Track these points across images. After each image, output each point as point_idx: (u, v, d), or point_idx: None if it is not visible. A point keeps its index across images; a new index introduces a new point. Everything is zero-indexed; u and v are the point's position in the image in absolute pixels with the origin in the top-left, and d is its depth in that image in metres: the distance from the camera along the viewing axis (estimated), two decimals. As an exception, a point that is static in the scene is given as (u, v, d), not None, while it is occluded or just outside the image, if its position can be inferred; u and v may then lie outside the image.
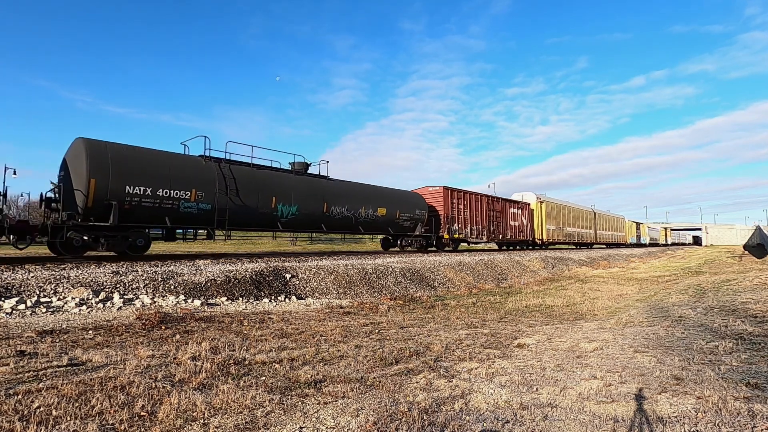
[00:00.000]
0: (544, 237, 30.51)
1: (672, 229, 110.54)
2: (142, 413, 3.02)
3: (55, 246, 9.78)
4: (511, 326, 7.34)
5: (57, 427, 2.76)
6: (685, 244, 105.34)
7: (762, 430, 2.81)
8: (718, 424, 2.91)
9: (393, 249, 20.65)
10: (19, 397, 3.18)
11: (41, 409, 2.99)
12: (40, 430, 2.70)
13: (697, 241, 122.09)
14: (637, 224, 59.17)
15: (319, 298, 10.11)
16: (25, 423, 2.77)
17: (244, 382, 3.79)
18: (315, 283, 10.87)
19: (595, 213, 42.95)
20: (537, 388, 3.78)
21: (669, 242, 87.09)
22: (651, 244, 67.46)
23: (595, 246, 44.43)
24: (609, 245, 49.16)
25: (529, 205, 29.96)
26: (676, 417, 3.06)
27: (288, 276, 10.69)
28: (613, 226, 48.52)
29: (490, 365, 4.60)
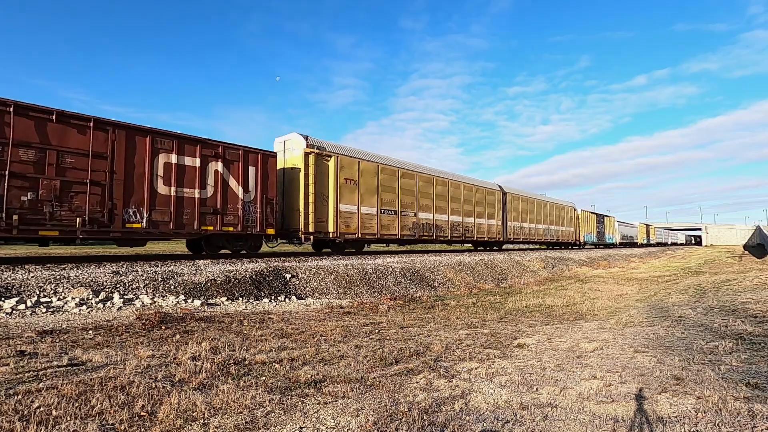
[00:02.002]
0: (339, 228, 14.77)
1: (666, 229, 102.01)
2: (142, 413, 3.02)
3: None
4: (511, 326, 7.34)
5: (57, 427, 2.76)
6: (675, 245, 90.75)
7: (762, 430, 2.81)
8: (718, 424, 2.91)
9: (393, 249, 21.00)
10: (19, 397, 3.17)
11: (41, 409, 2.99)
12: (40, 430, 2.70)
13: (690, 241, 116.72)
14: (600, 217, 44.73)
15: (319, 298, 10.10)
16: (25, 423, 2.77)
17: (244, 382, 3.79)
18: (315, 283, 10.87)
19: (504, 192, 25.75)
20: (537, 388, 3.78)
21: (653, 242, 71.98)
22: (624, 244, 53.76)
23: (503, 248, 28.38)
24: (550, 246, 34.00)
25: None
26: (676, 417, 3.06)
27: (288, 276, 10.68)
28: (550, 216, 32.22)
29: (490, 365, 4.59)
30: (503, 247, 29.18)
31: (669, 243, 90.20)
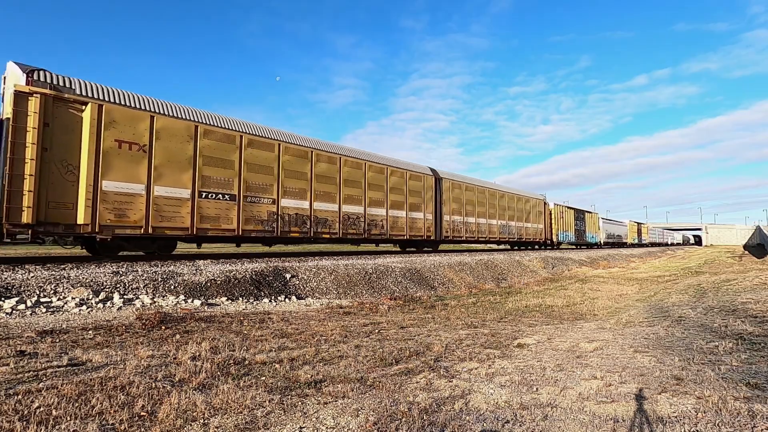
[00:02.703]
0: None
1: (665, 228, 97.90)
2: (142, 413, 3.02)
3: None
4: (511, 326, 7.34)
5: (57, 427, 2.76)
6: (670, 245, 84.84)
7: (762, 430, 2.81)
8: (718, 424, 2.91)
9: (392, 248, 20.58)
10: (19, 397, 3.17)
11: (41, 409, 2.99)
12: (40, 430, 2.70)
13: (687, 241, 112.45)
14: (579, 212, 37.82)
15: (319, 298, 10.10)
16: (25, 423, 2.77)
17: (244, 382, 3.79)
18: (315, 283, 10.87)
19: (439, 178, 20.51)
20: (537, 388, 3.78)
21: (645, 242, 64.87)
22: (610, 244, 47.64)
23: (439, 249, 22.44)
24: (513, 246, 28.92)
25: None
26: (676, 417, 3.06)
27: (288, 276, 10.68)
28: (510, 210, 26.20)
29: (490, 365, 4.59)
30: (439, 247, 22.95)
31: (664, 243, 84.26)
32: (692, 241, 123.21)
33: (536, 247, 31.45)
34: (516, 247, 29.84)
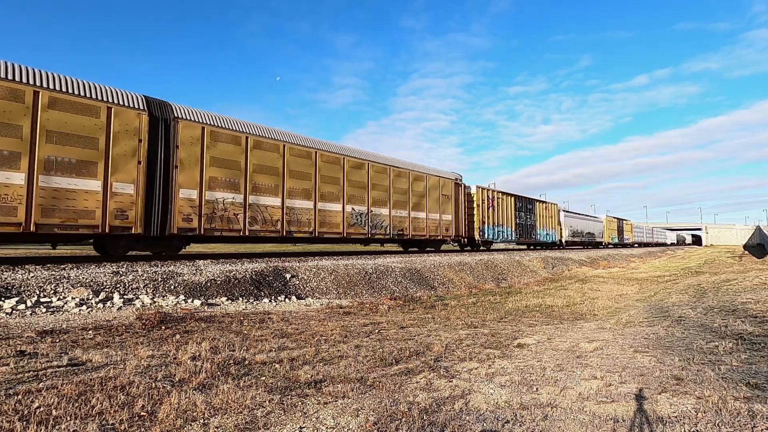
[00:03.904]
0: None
1: (659, 228, 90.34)
2: (142, 413, 3.02)
3: None
4: (511, 326, 7.34)
5: (57, 427, 2.76)
6: (662, 245, 76.24)
7: (762, 430, 2.81)
8: (718, 424, 2.91)
9: (391, 248, 20.10)
10: (19, 397, 3.17)
11: (41, 409, 2.99)
12: (40, 430, 2.70)
13: (682, 241, 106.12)
14: (526, 201, 29.00)
15: (319, 298, 10.10)
16: (25, 423, 2.77)
17: (244, 382, 3.79)
18: (315, 283, 10.87)
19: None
20: (537, 388, 3.78)
21: (628, 241, 55.99)
22: (578, 244, 39.00)
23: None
24: (384, 241, 17.91)
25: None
26: (676, 417, 3.06)
27: (288, 276, 10.68)
28: (397, 193, 17.97)
29: (490, 365, 4.59)
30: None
31: (654, 243, 74.51)
32: (688, 240, 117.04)
33: (440, 246, 21.73)
34: (410, 249, 20.58)
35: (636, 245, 60.73)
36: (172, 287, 8.49)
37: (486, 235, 23.50)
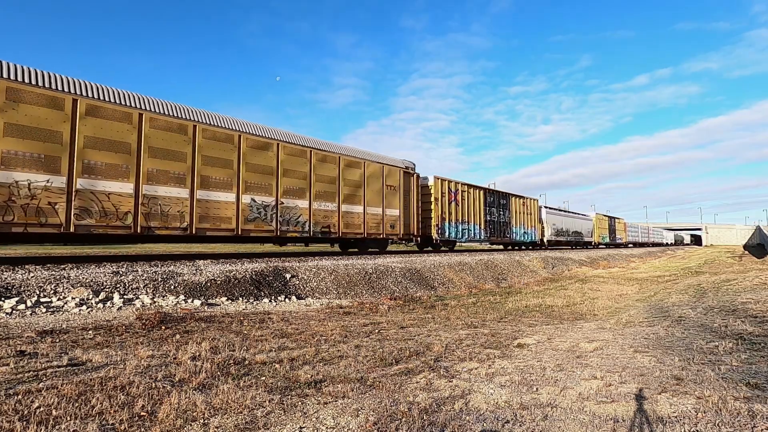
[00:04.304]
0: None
1: (658, 227, 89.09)
2: (142, 413, 3.02)
3: None
4: (511, 326, 7.34)
5: (57, 427, 2.76)
6: (662, 245, 74.05)
7: (762, 430, 2.81)
8: (718, 424, 2.90)
9: (392, 249, 19.95)
10: (19, 397, 3.17)
11: (41, 409, 2.98)
12: (40, 430, 2.70)
13: (681, 241, 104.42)
14: (495, 195, 25.62)
15: (319, 298, 10.10)
16: (25, 423, 2.77)
17: (244, 382, 3.79)
18: (315, 283, 10.87)
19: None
20: (537, 388, 3.78)
21: (621, 241, 53.35)
22: (563, 244, 35.78)
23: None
24: (308, 240, 14.65)
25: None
26: (676, 417, 3.06)
27: (288, 276, 10.68)
28: (286, 178, 13.71)
29: (490, 365, 4.59)
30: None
31: (651, 243, 71.84)
32: (686, 240, 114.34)
33: (377, 247, 17.83)
34: (352, 250, 17.47)
35: (630, 245, 57.90)
36: (172, 287, 8.49)
37: (447, 234, 20.46)
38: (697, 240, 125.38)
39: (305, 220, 14.32)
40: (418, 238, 19.23)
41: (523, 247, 30.66)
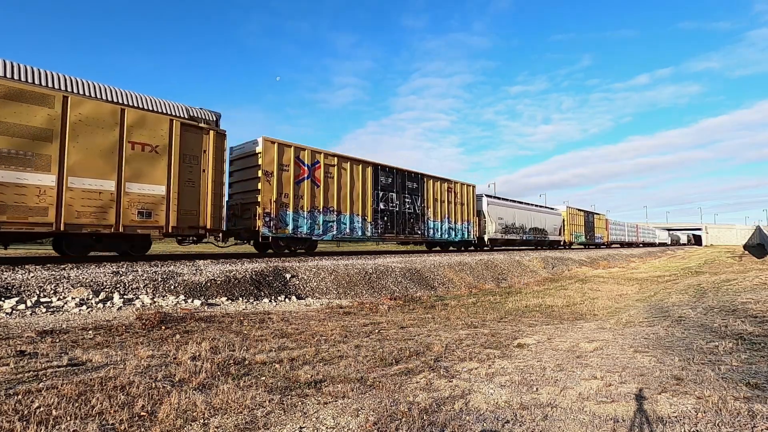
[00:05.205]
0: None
1: (659, 227, 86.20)
2: (142, 413, 3.02)
3: None
4: (511, 326, 7.34)
5: (57, 427, 2.76)
6: (653, 246, 67.07)
7: (762, 430, 2.81)
8: (718, 424, 2.90)
9: (392, 248, 19.97)
10: (19, 397, 3.17)
11: (41, 409, 2.98)
12: (40, 430, 2.70)
13: (677, 241, 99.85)
14: (414, 176, 18.85)
15: (319, 298, 10.10)
16: (25, 423, 2.77)
17: (244, 382, 3.79)
18: (315, 283, 10.87)
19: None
20: (537, 388, 3.78)
21: (601, 241, 45.02)
22: (518, 243, 28.95)
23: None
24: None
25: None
26: (676, 417, 3.06)
27: (288, 276, 10.68)
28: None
29: (490, 365, 4.59)
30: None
31: (640, 243, 63.34)
32: (683, 240, 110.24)
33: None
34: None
35: (616, 246, 51.12)
36: (172, 287, 8.48)
37: (288, 227, 13.65)
38: (697, 240, 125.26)
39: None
40: (219, 233, 11.97)
41: (451, 249, 23.24)
